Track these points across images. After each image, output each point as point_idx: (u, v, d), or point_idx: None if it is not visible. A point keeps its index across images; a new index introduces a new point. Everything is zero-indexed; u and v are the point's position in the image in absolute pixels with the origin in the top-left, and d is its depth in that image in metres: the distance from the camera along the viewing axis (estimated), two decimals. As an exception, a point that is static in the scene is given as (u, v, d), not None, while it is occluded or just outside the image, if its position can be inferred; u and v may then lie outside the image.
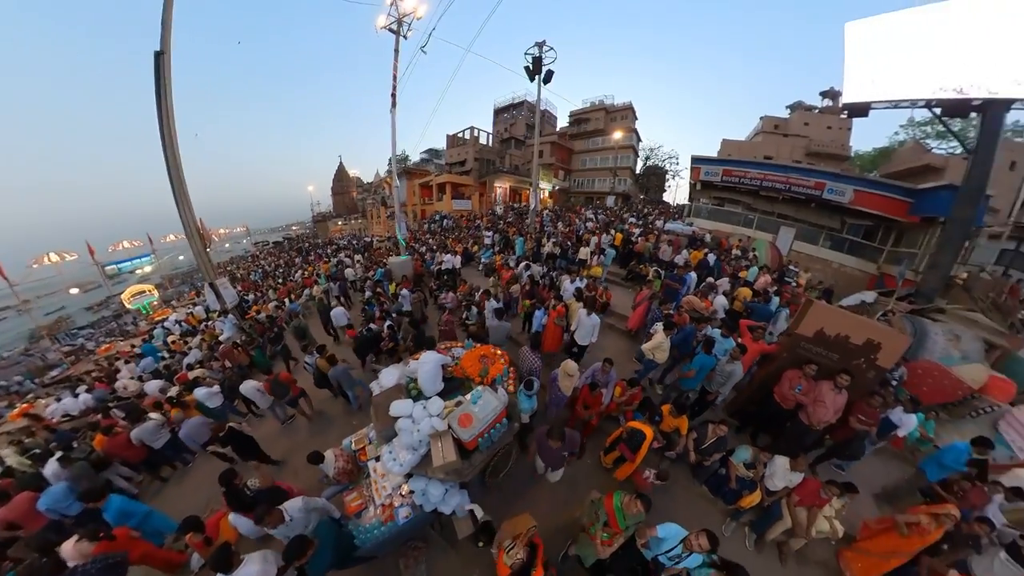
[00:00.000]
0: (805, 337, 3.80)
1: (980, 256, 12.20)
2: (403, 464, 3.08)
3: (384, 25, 10.75)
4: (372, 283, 9.90)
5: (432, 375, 3.44)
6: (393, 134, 11.38)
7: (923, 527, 2.95)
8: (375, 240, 22.65)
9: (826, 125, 17.81)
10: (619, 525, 2.80)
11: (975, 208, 8.55)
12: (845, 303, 7.60)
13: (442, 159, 37.27)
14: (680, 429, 3.82)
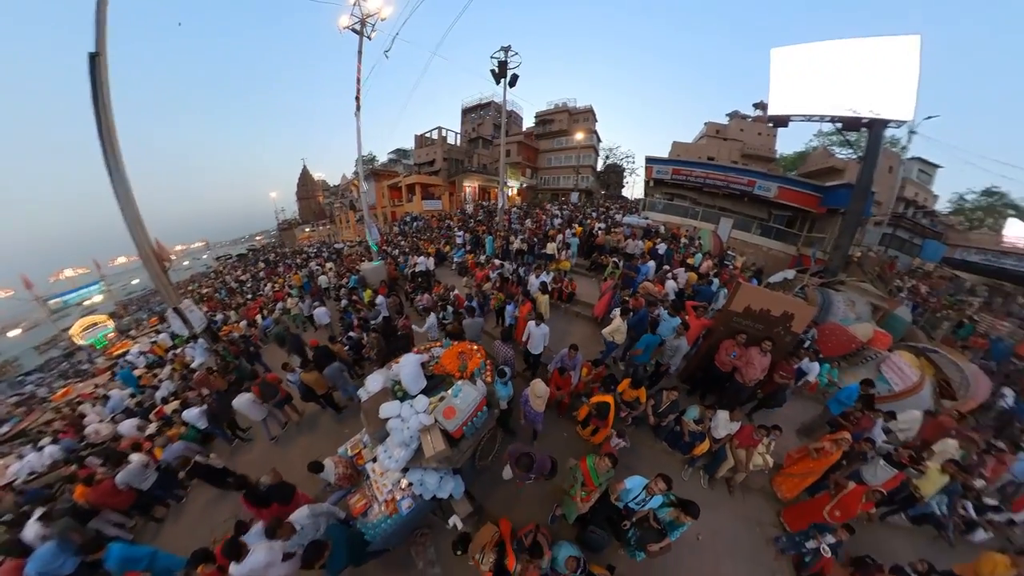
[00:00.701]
0: (736, 312, 4.39)
1: (869, 239, 14.66)
2: (398, 460, 3.22)
3: (347, 25, 10.20)
4: (347, 291, 9.53)
5: (414, 375, 3.57)
6: (359, 138, 10.87)
7: (827, 451, 3.65)
8: (346, 246, 21.46)
9: (757, 131, 19.71)
10: (594, 482, 3.16)
11: (865, 202, 10.46)
12: (772, 280, 8.63)
13: (410, 159, 36.02)
14: (640, 398, 4.25)
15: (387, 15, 10.22)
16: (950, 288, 12.59)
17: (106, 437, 6.29)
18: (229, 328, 10.00)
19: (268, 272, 20.57)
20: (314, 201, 47.13)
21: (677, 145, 20.60)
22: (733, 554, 3.53)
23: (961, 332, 8.65)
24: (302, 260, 19.63)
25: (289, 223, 45.31)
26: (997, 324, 9.92)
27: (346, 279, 10.79)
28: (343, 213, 32.64)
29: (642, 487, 2.99)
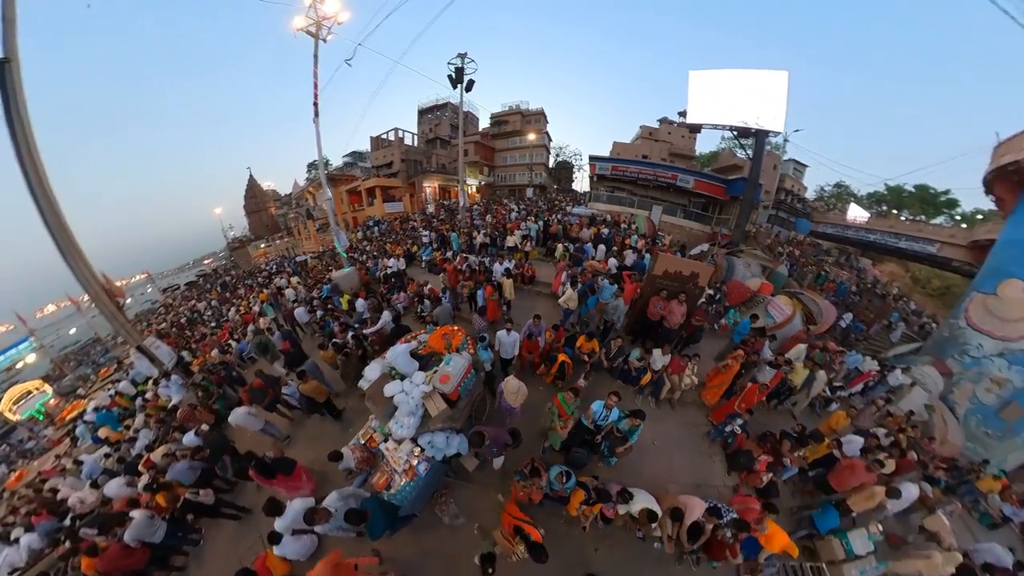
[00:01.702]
0: (658, 276, 5.39)
1: (760, 219, 17.75)
2: (410, 427, 3.48)
3: (302, 27, 9.34)
4: (320, 301, 8.84)
5: (405, 360, 3.86)
6: (319, 145, 10.19)
7: (730, 365, 4.77)
8: (309, 258, 19.52)
9: (681, 134, 22.10)
10: (567, 412, 3.83)
11: (755, 191, 12.85)
12: (692, 252, 10.19)
13: (367, 162, 33.85)
14: (594, 348, 5.01)
15: (344, 20, 9.56)
16: (814, 251, 16.30)
17: (94, 504, 5.19)
18: (201, 359, 8.63)
19: (226, 297, 17.93)
20: (266, 214, 41.08)
21: (617, 145, 22.26)
22: (680, 449, 4.52)
23: (819, 280, 11.47)
24: (264, 278, 17.07)
25: (240, 241, 39.04)
26: (841, 274, 13.41)
27: (317, 290, 10.08)
28: (300, 224, 29.44)
29: (602, 406, 3.70)
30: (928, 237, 14.04)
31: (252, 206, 40.63)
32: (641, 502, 3.18)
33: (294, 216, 34.46)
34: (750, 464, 4.10)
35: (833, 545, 3.65)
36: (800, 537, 3.83)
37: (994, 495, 5.47)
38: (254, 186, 40.66)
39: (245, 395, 4.93)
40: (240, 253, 36.04)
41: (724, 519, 3.20)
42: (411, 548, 3.56)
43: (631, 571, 3.51)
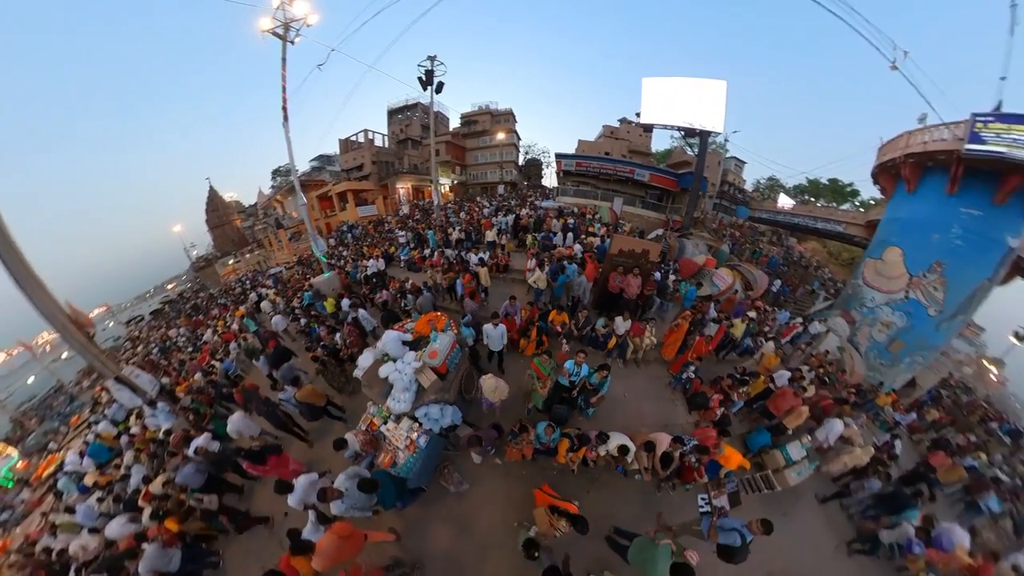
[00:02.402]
0: (614, 254, 5.92)
1: (707, 206, 19.40)
2: (406, 402, 3.65)
3: (269, 29, 8.61)
4: (302, 309, 8.37)
5: (396, 345, 4.02)
6: (289, 150, 9.39)
7: (681, 324, 5.33)
8: (283, 269, 18.07)
9: (639, 133, 23.17)
10: (544, 373, 4.16)
11: (700, 183, 14.12)
12: (649, 236, 10.98)
13: (335, 165, 31.86)
14: (565, 320, 5.39)
15: (313, 22, 8.91)
16: (751, 233, 18.20)
17: (97, 550, 4.58)
18: (185, 383, 7.63)
19: (200, 320, 15.95)
20: (231, 227, 36.32)
21: (582, 143, 22.85)
22: (647, 399, 5.01)
23: (755, 255, 13.03)
24: (238, 295, 15.41)
25: (206, 259, 34.65)
26: (773, 249, 15.55)
27: (298, 299, 9.47)
28: (271, 235, 26.64)
29: (573, 364, 4.04)
30: (836, 219, 16.42)
31: (215, 220, 35.89)
32: (616, 440, 3.55)
33: (262, 227, 31.51)
34: (706, 403, 4.66)
35: (776, 456, 4.42)
36: (752, 456, 4.52)
37: (888, 407, 6.91)
38: (215, 198, 35.99)
39: (239, 397, 4.77)
40: (207, 273, 32.48)
41: (687, 445, 3.67)
42: (425, 518, 3.70)
43: (620, 506, 3.88)
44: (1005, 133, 7.22)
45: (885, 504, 4.06)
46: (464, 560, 3.41)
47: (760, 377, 5.09)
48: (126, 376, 5.64)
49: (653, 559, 2.48)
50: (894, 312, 9.11)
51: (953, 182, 8.03)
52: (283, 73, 9.19)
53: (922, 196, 8.85)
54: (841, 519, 4.41)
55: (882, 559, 3.85)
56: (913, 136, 8.72)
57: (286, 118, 9.29)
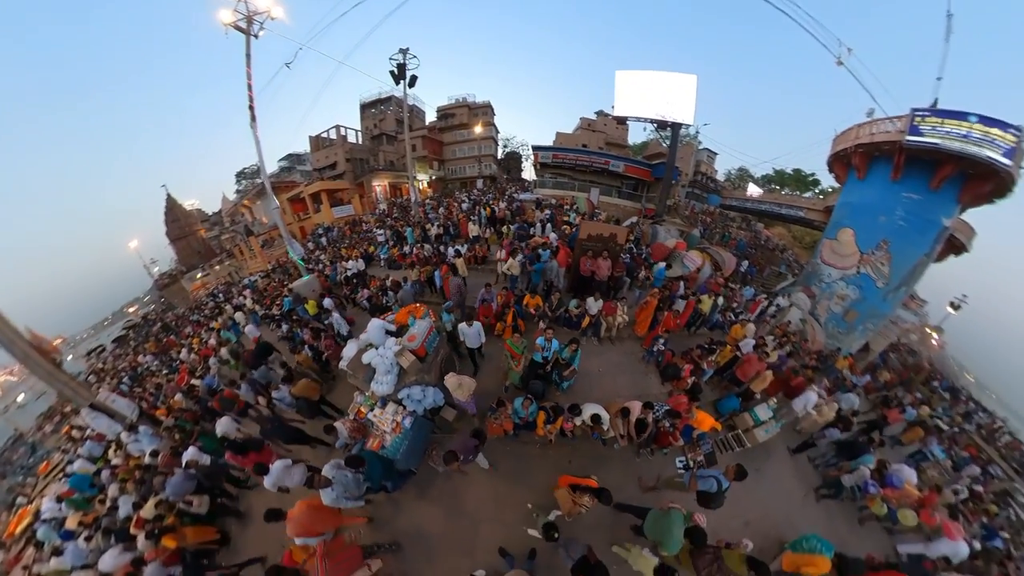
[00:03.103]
0: (584, 239, 6.10)
1: (680, 195, 20.04)
2: (388, 384, 3.84)
3: (231, 22, 8.04)
4: (281, 315, 8.07)
5: (379, 334, 4.22)
6: (259, 151, 8.92)
7: (650, 301, 5.47)
8: (258, 278, 16.96)
9: (616, 126, 23.43)
10: (517, 352, 4.24)
11: (672, 173, 14.48)
12: (625, 223, 11.25)
13: (306, 164, 30.44)
14: (539, 303, 5.52)
15: (278, 16, 8.40)
16: (721, 219, 18.95)
17: None
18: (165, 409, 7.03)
19: (172, 341, 14.61)
20: (195, 238, 32.70)
21: (560, 135, 22.92)
22: (622, 373, 5.16)
23: (724, 239, 13.51)
24: (211, 310, 14.31)
25: (170, 276, 31.06)
26: (741, 233, 16.55)
27: (278, 306, 9.05)
28: (241, 243, 24.20)
29: (543, 340, 4.16)
30: (799, 206, 17.76)
31: (176, 232, 31.97)
32: (589, 410, 3.66)
33: (231, 236, 29.33)
34: (678, 374, 4.84)
35: (745, 418, 4.77)
36: (724, 419, 4.84)
37: (846, 370, 7.63)
38: (174, 208, 32.00)
39: (216, 404, 4.79)
40: (173, 290, 28.98)
41: (658, 410, 3.84)
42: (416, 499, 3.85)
43: (602, 473, 3.91)
44: (940, 127, 8.13)
45: (845, 452, 4.52)
46: (456, 535, 3.54)
47: (727, 347, 5.33)
48: (101, 402, 5.24)
49: (668, 527, 2.58)
50: (848, 286, 10.05)
51: (896, 169, 8.91)
52: (248, 71, 8.60)
53: (870, 182, 9.75)
54: (809, 470, 4.83)
55: (845, 501, 4.32)
56: (862, 128, 9.54)
57: (253, 118, 8.72)
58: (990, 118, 7.78)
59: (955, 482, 5.66)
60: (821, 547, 2.98)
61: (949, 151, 8.01)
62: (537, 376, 4.28)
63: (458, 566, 3.25)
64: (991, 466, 8.76)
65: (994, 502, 6.09)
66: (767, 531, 3.81)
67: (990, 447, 10.53)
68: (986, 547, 4.53)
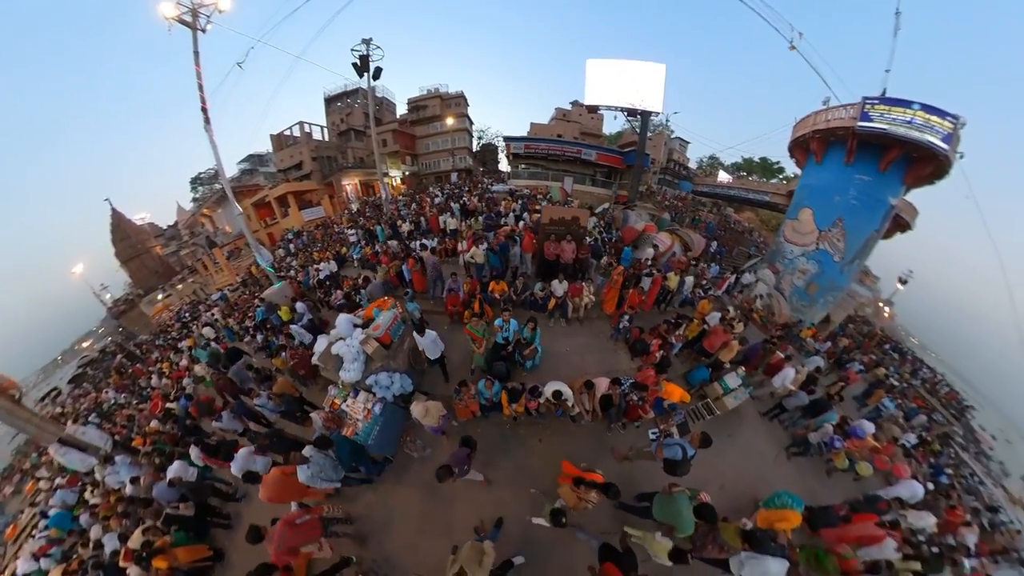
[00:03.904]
0: (546, 223, 6.12)
1: (653, 181, 20.46)
2: (355, 371, 3.92)
3: (174, 16, 7.30)
4: (254, 327, 7.78)
5: (347, 326, 4.25)
6: (216, 156, 8.24)
7: (616, 279, 5.48)
8: (227, 292, 15.70)
9: (590, 116, 23.54)
10: (478, 336, 4.22)
11: (643, 159, 14.78)
12: (596, 210, 11.35)
13: (270, 165, 28.61)
14: (504, 289, 5.41)
15: (226, 8, 7.73)
16: (692, 204, 19.67)
17: None
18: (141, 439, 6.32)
19: (138, 370, 13.16)
20: (150, 257, 28.85)
21: (534, 126, 22.71)
22: (591, 351, 5.15)
23: (695, 222, 13.80)
24: (179, 331, 13.29)
25: (127, 301, 27.15)
26: (710, 216, 17.16)
27: (251, 319, 8.63)
28: (203, 256, 22.35)
29: (502, 321, 4.17)
30: (765, 190, 18.93)
31: (127, 251, 27.86)
32: (551, 387, 3.60)
33: (191, 250, 26.60)
34: (646, 349, 4.85)
35: (715, 387, 4.89)
36: (695, 389, 4.98)
37: (810, 339, 8.42)
38: (122, 223, 27.78)
39: (194, 409, 4.82)
40: (131, 317, 25.82)
41: (624, 384, 3.81)
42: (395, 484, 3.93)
43: (575, 448, 4.02)
44: (887, 113, 8.87)
45: (810, 412, 4.84)
46: (434, 516, 3.66)
47: (695, 321, 5.42)
48: (71, 436, 4.90)
49: (678, 509, 2.63)
50: (808, 261, 10.81)
51: (849, 153, 9.68)
52: (197, 69, 7.87)
53: (827, 166, 10.59)
54: (778, 431, 5.10)
55: (814, 456, 4.70)
56: (819, 116, 10.28)
57: (207, 120, 8.02)
58: (931, 106, 8.59)
59: (908, 431, 6.45)
60: (792, 502, 3.11)
61: (895, 136, 8.77)
62: (501, 358, 4.25)
63: (435, 546, 3.26)
64: (934, 414, 10.19)
65: (938, 444, 7.10)
66: (742, 491, 3.96)
67: (933, 398, 12.13)
68: (936, 483, 5.23)
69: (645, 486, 3.34)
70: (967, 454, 10.39)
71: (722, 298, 7.53)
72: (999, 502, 8.88)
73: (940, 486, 5.31)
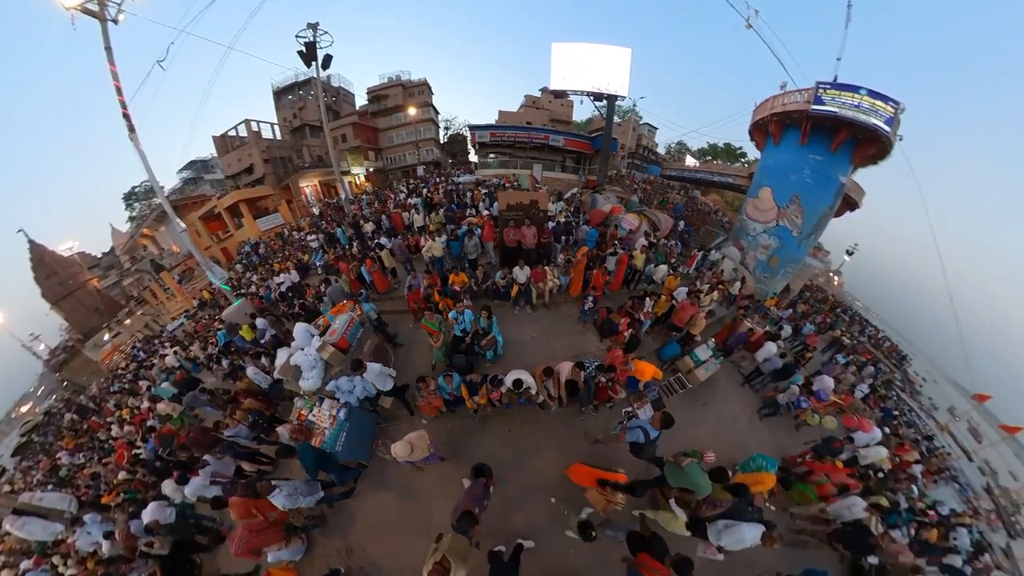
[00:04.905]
0: (503, 210, 5.91)
1: (621, 166, 20.87)
2: (314, 378, 3.91)
3: (75, 5, 6.17)
4: (219, 352, 7.24)
5: (304, 335, 4.28)
6: (147, 168, 7.20)
7: (580, 260, 5.42)
8: (184, 321, 14.00)
9: (560, 103, 23.33)
10: (434, 329, 4.12)
11: (610, 144, 14.87)
12: (565, 196, 11.31)
13: (216, 171, 26.10)
14: (464, 280, 5.23)
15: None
16: (661, 186, 20.29)
17: None
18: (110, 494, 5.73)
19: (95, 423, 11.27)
20: (85, 292, 23.93)
21: (503, 114, 22.15)
22: (557, 336, 5.06)
23: (663, 203, 14.16)
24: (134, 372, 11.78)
25: (66, 350, 23.09)
26: (677, 198, 17.84)
27: (213, 343, 8.04)
28: (151, 283, 19.70)
29: (455, 312, 4.07)
30: (729, 173, 20.11)
31: (56, 289, 22.86)
32: (512, 376, 3.47)
33: (136, 278, 23.55)
34: (615, 329, 4.78)
35: (687, 360, 4.98)
36: (667, 365, 5.08)
37: (773, 308, 8.87)
38: (45, 257, 22.84)
39: (156, 440, 4.81)
40: (74, 367, 21.64)
41: (588, 368, 3.76)
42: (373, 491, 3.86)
43: (546, 436, 3.96)
44: (838, 97, 9.63)
45: (779, 375, 5.17)
46: (411, 517, 3.65)
47: (663, 297, 5.42)
48: (27, 503, 4.45)
49: (694, 479, 2.76)
50: (770, 236, 11.61)
51: (804, 135, 10.44)
52: (112, 69, 6.76)
53: (784, 147, 11.34)
54: (750, 396, 5.36)
55: (784, 415, 5.04)
56: (776, 100, 10.97)
57: (131, 128, 6.96)
58: (875, 91, 9.38)
59: (861, 382, 7.23)
60: (766, 464, 3.31)
61: (844, 119, 9.54)
62: (460, 351, 4.10)
63: (418, 547, 3.20)
64: (879, 364, 11.90)
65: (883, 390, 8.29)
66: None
67: (878, 351, 14.36)
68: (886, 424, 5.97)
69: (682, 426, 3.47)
70: (905, 395, 12.29)
71: (691, 276, 7.70)
72: (932, 431, 10.86)
73: (889, 426, 6.14)
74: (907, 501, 4.79)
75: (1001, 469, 9.82)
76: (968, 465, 9.95)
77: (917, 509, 4.92)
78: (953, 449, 10.52)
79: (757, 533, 2.55)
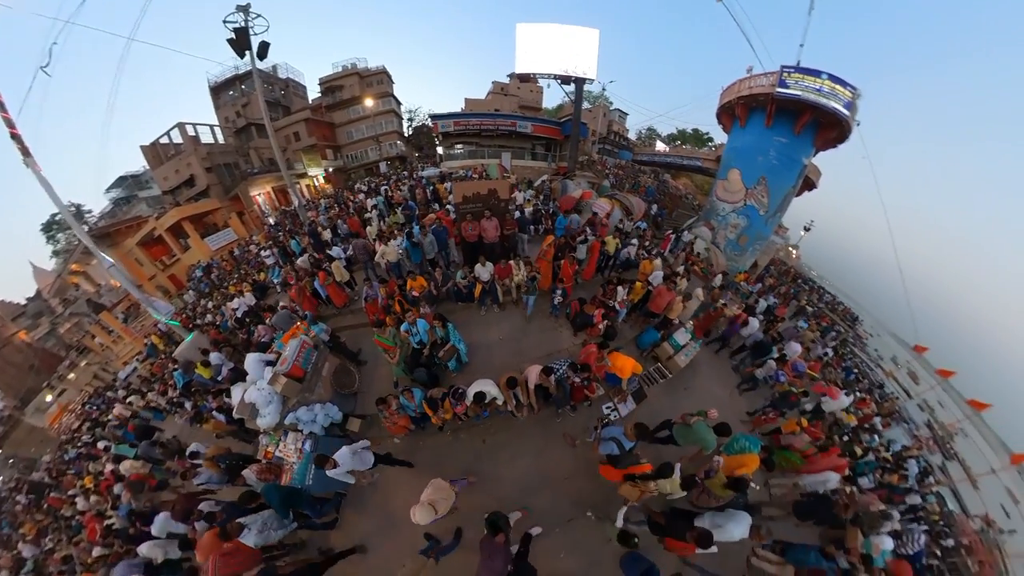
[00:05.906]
0: (460, 203, 5.46)
1: (592, 151, 20.99)
2: (272, 414, 3.68)
3: None
4: (179, 395, 6.73)
5: (257, 367, 4.03)
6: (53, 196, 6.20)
7: (547, 250, 5.14)
8: (136, 366, 12.20)
9: (529, 89, 22.75)
10: (389, 344, 3.87)
11: (580, 129, 14.58)
12: (535, 183, 11.01)
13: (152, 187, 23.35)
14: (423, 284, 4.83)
15: None
16: (632, 171, 20.61)
17: None
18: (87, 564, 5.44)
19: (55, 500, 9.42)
20: (12, 348, 20.65)
21: (469, 102, 21.00)
22: (527, 335, 4.79)
23: (635, 187, 14.12)
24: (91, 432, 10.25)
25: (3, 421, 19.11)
26: (649, 182, 18.26)
27: (172, 387, 7.32)
28: (91, 328, 17.27)
29: (408, 325, 3.74)
30: (698, 157, 20.87)
31: None
32: (474, 388, 3.22)
33: (72, 323, 20.28)
34: (589, 321, 4.52)
35: (666, 347, 4.90)
36: (646, 353, 4.96)
37: (744, 283, 9.24)
38: None
39: (128, 489, 4.77)
40: (16, 440, 17.76)
41: (558, 371, 3.50)
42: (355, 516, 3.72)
43: (521, 442, 3.74)
44: (801, 81, 10.10)
45: (756, 352, 5.35)
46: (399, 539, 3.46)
47: (639, 282, 5.24)
48: None
49: (701, 436, 3.07)
50: (738, 216, 12.04)
51: (769, 117, 10.84)
52: None
53: (750, 129, 11.72)
54: (729, 374, 5.44)
55: (762, 387, 5.19)
56: (743, 83, 11.26)
57: (26, 152, 5.91)
58: (836, 76, 9.87)
59: (825, 347, 8.13)
60: (749, 445, 3.28)
61: (807, 102, 10.02)
62: (420, 364, 3.76)
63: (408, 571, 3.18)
64: (836, 326, 13.50)
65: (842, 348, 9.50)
66: None
67: (834, 315, 16.18)
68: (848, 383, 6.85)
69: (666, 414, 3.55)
70: (857, 349, 13.87)
71: (667, 257, 7.65)
72: (882, 379, 12.25)
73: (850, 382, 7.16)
74: (871, 454, 5.52)
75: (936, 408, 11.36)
76: (910, 403, 11.22)
77: (880, 457, 5.77)
78: (899, 392, 11.85)
79: (745, 528, 2.52)
